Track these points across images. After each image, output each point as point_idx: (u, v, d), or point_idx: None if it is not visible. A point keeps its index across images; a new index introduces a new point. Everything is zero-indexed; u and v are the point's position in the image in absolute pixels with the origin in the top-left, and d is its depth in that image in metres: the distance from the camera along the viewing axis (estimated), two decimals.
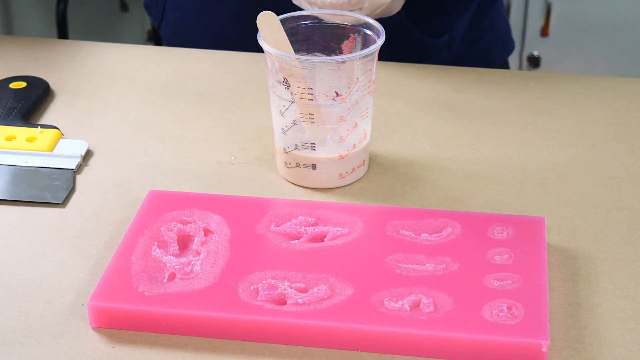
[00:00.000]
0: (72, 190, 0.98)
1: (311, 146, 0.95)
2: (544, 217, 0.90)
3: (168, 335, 0.81)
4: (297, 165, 0.97)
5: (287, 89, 0.93)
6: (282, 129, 0.96)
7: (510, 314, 0.79)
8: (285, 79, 0.93)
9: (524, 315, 0.79)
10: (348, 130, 0.95)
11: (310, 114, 0.94)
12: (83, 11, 2.78)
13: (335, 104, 0.93)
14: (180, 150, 1.04)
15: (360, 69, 0.93)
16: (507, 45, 1.35)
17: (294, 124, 0.95)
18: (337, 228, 0.89)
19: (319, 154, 0.96)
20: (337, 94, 0.93)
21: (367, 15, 0.98)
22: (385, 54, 1.06)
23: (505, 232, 0.88)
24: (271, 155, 1.02)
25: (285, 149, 0.97)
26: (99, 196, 0.97)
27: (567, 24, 2.28)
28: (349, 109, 0.94)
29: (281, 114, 0.95)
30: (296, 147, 0.96)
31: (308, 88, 0.92)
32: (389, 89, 1.13)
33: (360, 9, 1.01)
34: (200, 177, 1.00)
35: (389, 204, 0.95)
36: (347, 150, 0.96)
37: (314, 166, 0.96)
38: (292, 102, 0.93)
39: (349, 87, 0.93)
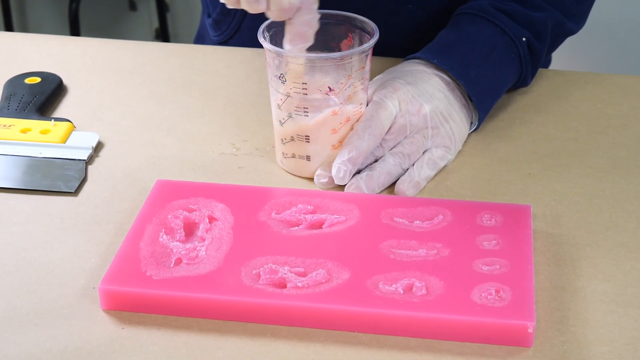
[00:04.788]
0: (84, 179, 0.98)
1: (305, 138, 0.95)
2: (530, 205, 0.90)
3: (174, 316, 0.80)
4: (293, 156, 0.96)
5: (284, 83, 0.93)
6: (280, 121, 0.96)
7: (498, 297, 0.79)
8: (281, 74, 0.93)
9: (511, 298, 0.79)
10: (340, 123, 0.95)
11: (304, 108, 0.94)
12: (94, 10, 2.77)
13: (328, 98, 0.93)
14: (186, 142, 1.04)
15: (354, 65, 0.92)
16: (547, 59, 1.34)
17: (290, 116, 0.94)
18: (335, 216, 0.89)
19: (312, 146, 0.95)
20: (330, 89, 0.93)
21: None
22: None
23: (493, 220, 0.88)
24: (272, 147, 1.02)
25: (282, 140, 0.96)
26: (109, 185, 0.97)
27: None
28: (341, 103, 0.94)
29: (278, 107, 0.95)
30: (292, 139, 0.96)
31: (303, 83, 0.92)
32: None
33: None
34: (205, 167, 1.00)
35: (383, 192, 0.95)
36: (340, 142, 0.96)
37: (308, 157, 0.96)
38: (288, 96, 0.93)
39: (342, 83, 0.92)
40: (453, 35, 1.06)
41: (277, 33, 0.95)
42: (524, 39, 1.06)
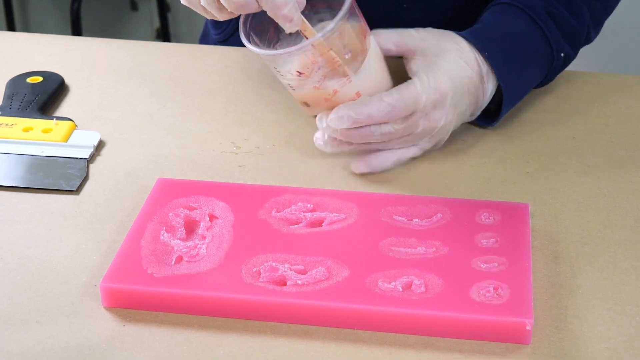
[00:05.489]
0: (85, 178, 0.98)
1: (305, 104, 0.96)
2: (528, 204, 0.90)
3: (175, 314, 0.80)
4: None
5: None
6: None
7: (497, 295, 0.79)
8: (275, 67, 0.92)
9: (509, 295, 0.79)
10: (329, 94, 0.93)
11: (289, 85, 0.93)
12: (96, 10, 2.77)
13: (304, 79, 0.91)
14: (187, 141, 1.04)
15: (315, 52, 0.89)
16: None
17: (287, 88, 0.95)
18: (334, 214, 0.89)
19: (313, 110, 0.96)
20: (299, 72, 0.91)
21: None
22: None
23: (491, 218, 0.88)
24: (272, 145, 1.02)
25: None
26: (111, 184, 0.97)
27: None
28: (319, 81, 0.91)
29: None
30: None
31: (274, 67, 0.92)
32: None
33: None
34: (205, 166, 0.99)
35: (383, 191, 0.95)
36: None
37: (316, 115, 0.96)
38: (290, 86, 0.93)
39: (308, 68, 0.90)
40: (498, 25, 1.03)
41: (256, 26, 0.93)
42: (562, 54, 1.05)
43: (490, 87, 1.00)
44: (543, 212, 0.92)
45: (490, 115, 1.04)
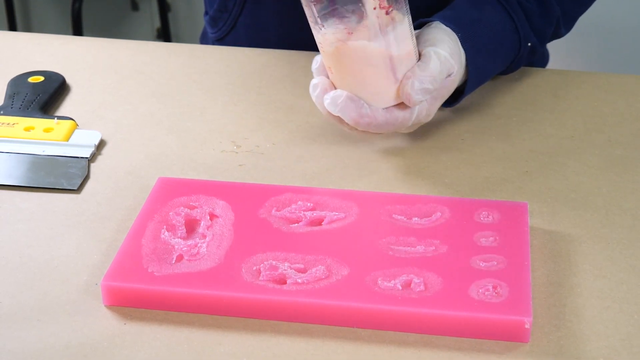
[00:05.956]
0: (86, 177, 0.98)
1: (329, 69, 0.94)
2: (527, 203, 0.90)
3: (176, 312, 0.80)
4: None
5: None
6: None
7: (496, 293, 0.79)
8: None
9: (508, 294, 0.79)
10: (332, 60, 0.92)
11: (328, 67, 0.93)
12: (97, 10, 2.77)
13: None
14: (188, 140, 1.04)
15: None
16: (544, 57, 1.34)
17: None
18: (334, 212, 0.89)
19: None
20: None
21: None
22: None
23: (490, 217, 0.88)
24: (272, 144, 1.02)
25: None
26: (112, 183, 0.97)
27: None
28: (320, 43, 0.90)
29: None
30: None
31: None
32: None
33: None
34: (206, 165, 0.99)
35: (382, 190, 0.95)
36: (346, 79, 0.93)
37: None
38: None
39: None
40: (473, 13, 1.04)
41: None
42: (529, 44, 1.06)
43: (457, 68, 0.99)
44: (542, 211, 0.92)
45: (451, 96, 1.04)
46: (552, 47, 1.38)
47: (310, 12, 0.89)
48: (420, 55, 0.94)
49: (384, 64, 0.91)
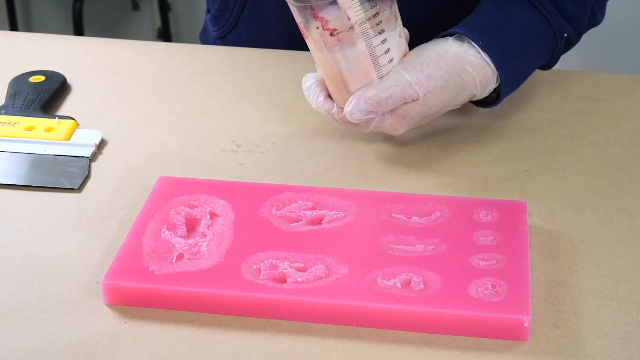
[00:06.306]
0: (87, 176, 0.98)
1: None
2: (526, 202, 0.90)
3: (176, 311, 0.80)
4: None
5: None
6: None
7: (495, 292, 0.79)
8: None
9: (507, 292, 0.79)
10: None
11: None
12: (97, 10, 2.77)
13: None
14: (188, 139, 1.04)
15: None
16: None
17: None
18: (334, 212, 0.89)
19: None
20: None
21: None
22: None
23: (489, 216, 0.88)
24: (272, 144, 1.02)
25: None
26: (112, 182, 0.97)
27: None
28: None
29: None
30: None
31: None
32: None
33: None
34: (206, 164, 0.99)
35: (382, 189, 0.95)
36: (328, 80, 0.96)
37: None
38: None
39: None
40: (497, 16, 1.02)
41: None
42: (565, 34, 1.05)
43: (478, 76, 0.98)
44: (541, 210, 0.92)
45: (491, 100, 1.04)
46: None
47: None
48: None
49: (333, 75, 0.94)
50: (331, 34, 0.91)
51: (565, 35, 1.05)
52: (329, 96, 0.97)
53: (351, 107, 0.94)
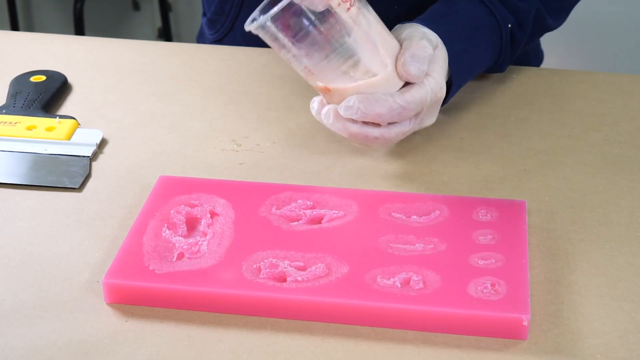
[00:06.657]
0: (88, 176, 0.98)
1: None
2: (525, 201, 0.90)
3: (177, 310, 0.80)
4: None
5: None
6: None
7: (494, 291, 0.79)
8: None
9: (507, 291, 0.79)
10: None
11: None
12: (98, 10, 2.77)
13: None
14: (188, 139, 1.04)
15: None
16: (539, 56, 1.34)
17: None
18: (334, 211, 0.89)
19: None
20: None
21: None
22: None
23: (489, 215, 0.88)
24: (272, 143, 1.02)
25: None
26: (113, 181, 0.97)
27: None
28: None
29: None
30: None
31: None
32: None
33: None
34: (206, 163, 0.99)
35: (381, 188, 0.95)
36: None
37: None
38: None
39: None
40: (443, 8, 1.04)
41: None
42: (509, 25, 1.06)
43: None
44: (540, 209, 0.92)
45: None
46: (550, 46, 1.38)
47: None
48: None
49: (372, 43, 0.91)
50: (349, 7, 0.89)
51: (510, 26, 1.06)
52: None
53: (407, 60, 0.92)
